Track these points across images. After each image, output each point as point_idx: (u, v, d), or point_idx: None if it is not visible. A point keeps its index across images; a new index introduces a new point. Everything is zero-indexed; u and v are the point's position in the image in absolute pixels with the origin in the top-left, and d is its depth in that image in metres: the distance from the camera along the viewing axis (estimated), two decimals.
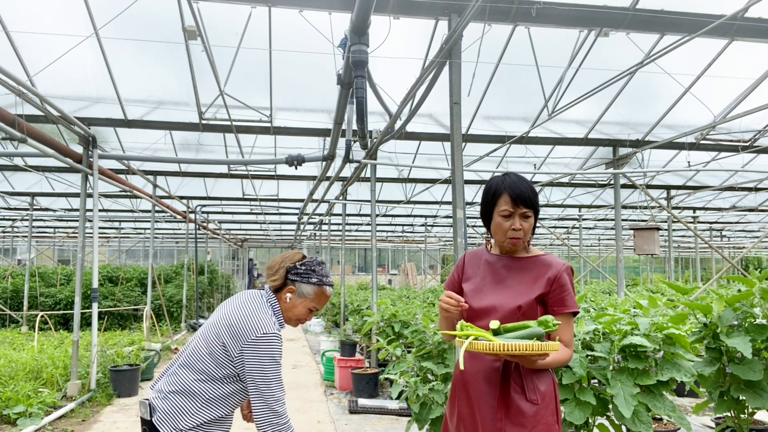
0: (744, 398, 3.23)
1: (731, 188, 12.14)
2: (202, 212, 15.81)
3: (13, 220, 17.05)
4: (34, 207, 13.46)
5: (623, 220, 17.26)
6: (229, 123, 7.46)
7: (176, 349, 10.66)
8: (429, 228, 21.36)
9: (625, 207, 14.89)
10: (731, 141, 8.73)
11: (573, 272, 2.23)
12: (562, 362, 2.12)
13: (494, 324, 2.00)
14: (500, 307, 2.14)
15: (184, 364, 2.29)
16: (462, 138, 4.94)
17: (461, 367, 1.87)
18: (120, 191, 10.76)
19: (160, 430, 2.18)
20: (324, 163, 7.80)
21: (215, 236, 22.09)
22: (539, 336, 1.95)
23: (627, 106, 7.81)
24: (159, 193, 11.81)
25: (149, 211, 13.43)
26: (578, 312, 2.17)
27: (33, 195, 12.73)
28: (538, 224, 2.28)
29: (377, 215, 15.19)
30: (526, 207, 2.14)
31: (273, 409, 2.16)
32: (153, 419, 2.21)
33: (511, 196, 2.13)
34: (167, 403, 2.22)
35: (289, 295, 2.36)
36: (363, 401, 6.61)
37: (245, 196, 13.17)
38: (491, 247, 2.34)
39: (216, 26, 5.89)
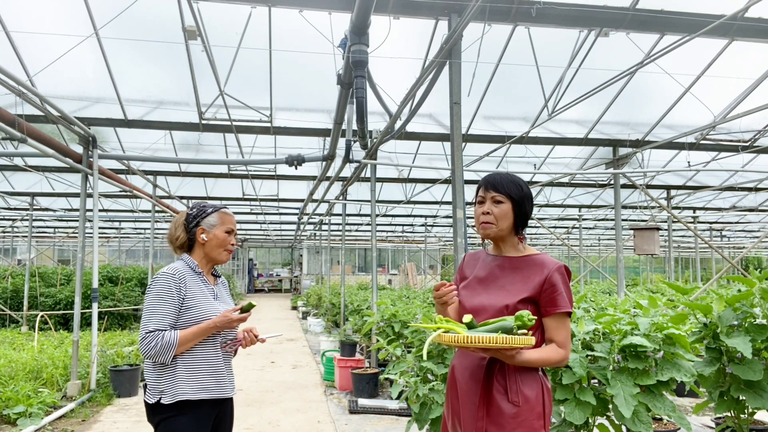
0: (744, 398, 3.23)
1: (731, 188, 12.14)
2: None
3: (13, 220, 17.06)
4: (34, 207, 13.45)
5: (623, 220, 17.26)
6: (229, 123, 7.45)
7: None
8: (429, 228, 21.36)
9: (625, 207, 14.89)
10: (731, 141, 8.73)
11: (569, 271, 2.19)
12: (553, 362, 2.07)
13: (467, 318, 2.02)
14: (489, 307, 2.14)
15: None
16: (462, 138, 4.95)
17: (424, 357, 1.89)
18: (120, 191, 10.75)
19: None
20: (324, 163, 7.80)
21: None
22: (508, 329, 1.94)
23: (627, 106, 7.81)
24: (159, 193, 11.81)
25: (149, 211, 13.42)
26: (571, 312, 2.13)
27: (33, 195, 12.73)
28: (538, 224, 2.31)
29: (377, 215, 15.19)
30: (496, 191, 2.19)
31: (142, 334, 2.36)
32: None
33: (483, 184, 2.23)
34: None
35: (203, 235, 2.52)
36: (363, 401, 6.61)
37: (245, 196, 13.16)
38: (489, 247, 2.36)
39: (216, 26, 5.89)
